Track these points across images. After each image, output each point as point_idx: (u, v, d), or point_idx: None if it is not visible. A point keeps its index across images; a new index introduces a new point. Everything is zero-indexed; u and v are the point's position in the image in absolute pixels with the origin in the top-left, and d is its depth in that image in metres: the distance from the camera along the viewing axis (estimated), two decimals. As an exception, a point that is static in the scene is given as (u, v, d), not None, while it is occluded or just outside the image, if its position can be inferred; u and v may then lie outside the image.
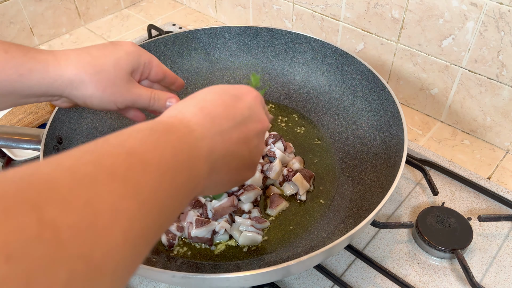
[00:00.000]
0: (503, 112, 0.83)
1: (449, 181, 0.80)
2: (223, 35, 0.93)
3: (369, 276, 0.67)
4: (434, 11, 0.81)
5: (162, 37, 0.91)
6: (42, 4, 1.16)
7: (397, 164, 0.64)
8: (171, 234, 0.67)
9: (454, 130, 0.92)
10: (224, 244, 0.66)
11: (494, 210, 0.76)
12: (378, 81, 0.76)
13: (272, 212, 0.71)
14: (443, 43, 0.83)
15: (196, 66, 0.94)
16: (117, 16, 1.32)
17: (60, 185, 0.24)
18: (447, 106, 0.90)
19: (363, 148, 0.78)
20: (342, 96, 0.86)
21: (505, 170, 0.83)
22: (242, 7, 1.17)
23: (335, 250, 0.65)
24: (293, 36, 0.89)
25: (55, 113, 0.73)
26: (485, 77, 0.82)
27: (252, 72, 0.81)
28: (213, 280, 0.53)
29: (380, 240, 0.72)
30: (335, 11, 0.96)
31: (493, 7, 0.74)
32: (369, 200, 0.68)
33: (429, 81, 0.90)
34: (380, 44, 0.93)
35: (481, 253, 0.70)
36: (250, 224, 0.67)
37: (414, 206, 0.77)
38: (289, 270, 0.56)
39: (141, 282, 0.67)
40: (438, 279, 0.67)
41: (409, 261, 0.69)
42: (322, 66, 0.88)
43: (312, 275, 0.67)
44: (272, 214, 0.71)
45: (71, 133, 0.77)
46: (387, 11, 0.88)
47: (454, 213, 0.72)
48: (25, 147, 0.72)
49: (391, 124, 0.73)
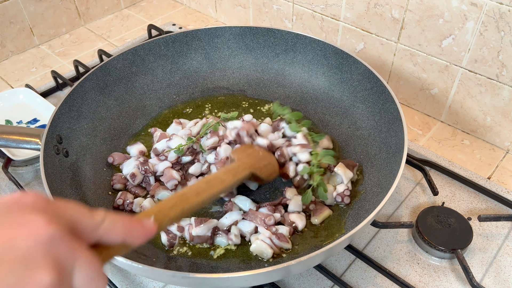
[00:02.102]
0: (503, 112, 0.83)
1: (449, 181, 0.80)
2: (223, 35, 0.93)
3: (369, 276, 0.67)
4: (434, 11, 0.81)
5: (162, 37, 0.91)
6: (42, 4, 1.16)
7: (397, 164, 0.64)
8: (171, 234, 0.67)
9: (454, 130, 0.92)
10: (223, 248, 0.66)
11: (494, 210, 0.76)
12: (378, 81, 0.76)
13: (316, 220, 0.68)
14: (443, 43, 0.83)
15: (196, 66, 0.94)
16: (117, 16, 1.32)
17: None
18: (447, 106, 0.90)
19: (363, 148, 0.78)
20: (342, 96, 0.86)
21: (505, 170, 0.83)
22: (242, 7, 1.17)
23: (335, 250, 0.65)
24: (293, 36, 0.89)
25: (55, 113, 0.73)
26: (485, 77, 0.82)
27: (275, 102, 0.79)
28: (213, 280, 0.53)
29: (380, 240, 0.72)
30: (335, 11, 0.96)
31: (493, 7, 0.74)
32: (369, 200, 0.68)
33: (429, 81, 0.90)
34: (380, 44, 0.93)
35: (481, 253, 0.70)
36: (269, 236, 0.64)
37: (414, 206, 0.77)
38: (289, 270, 0.56)
39: (141, 282, 0.67)
40: (438, 279, 0.67)
41: (409, 261, 0.69)
42: (322, 66, 0.88)
43: (312, 275, 0.67)
44: (316, 222, 0.68)
45: (71, 133, 0.77)
46: (387, 11, 0.88)
47: (454, 213, 0.72)
48: (25, 147, 0.72)
49: (391, 124, 0.73)
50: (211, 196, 0.55)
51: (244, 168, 0.62)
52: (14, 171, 0.85)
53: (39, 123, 0.93)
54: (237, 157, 0.64)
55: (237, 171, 0.61)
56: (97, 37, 1.24)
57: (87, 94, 0.82)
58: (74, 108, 0.79)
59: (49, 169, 0.66)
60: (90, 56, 1.16)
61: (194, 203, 0.50)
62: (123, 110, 0.87)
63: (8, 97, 0.97)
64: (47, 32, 1.21)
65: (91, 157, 0.78)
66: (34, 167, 0.86)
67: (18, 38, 1.15)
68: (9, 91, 0.98)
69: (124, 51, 0.87)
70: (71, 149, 0.75)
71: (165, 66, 0.92)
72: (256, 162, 0.65)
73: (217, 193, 0.56)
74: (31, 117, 0.95)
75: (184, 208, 0.48)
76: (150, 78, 0.91)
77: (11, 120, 0.94)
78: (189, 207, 0.50)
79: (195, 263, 0.64)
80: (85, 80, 0.81)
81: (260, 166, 0.65)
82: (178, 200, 0.48)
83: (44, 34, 1.20)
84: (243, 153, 0.67)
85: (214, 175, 0.58)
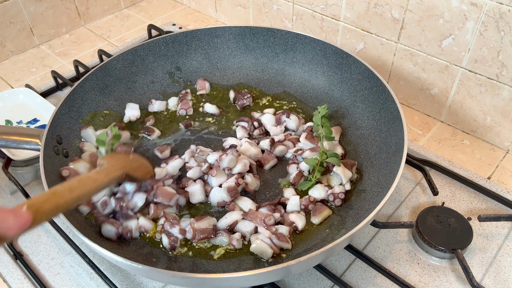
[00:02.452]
0: (503, 112, 0.83)
1: (449, 181, 0.80)
2: (223, 35, 0.93)
3: (369, 276, 0.67)
4: (434, 11, 0.81)
5: (162, 37, 0.91)
6: (42, 4, 1.16)
7: (397, 164, 0.64)
8: (173, 237, 0.66)
9: (454, 130, 0.92)
10: (223, 249, 0.66)
11: (494, 210, 0.76)
12: (378, 81, 0.76)
13: (315, 220, 0.68)
14: (443, 43, 0.83)
15: (196, 66, 0.94)
16: (117, 16, 1.32)
17: None
18: (447, 106, 0.90)
19: (363, 148, 0.78)
20: (342, 96, 0.86)
21: (505, 170, 0.83)
22: (242, 7, 1.17)
23: (335, 250, 0.65)
24: (293, 36, 0.89)
25: (55, 113, 0.73)
26: (485, 77, 0.82)
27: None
28: (213, 280, 0.53)
29: (380, 240, 0.72)
30: (335, 11, 0.96)
31: (493, 7, 0.74)
32: (369, 200, 0.68)
33: (429, 81, 0.90)
34: (380, 44, 0.93)
35: (481, 253, 0.70)
36: (269, 236, 0.64)
37: (414, 206, 0.77)
38: (289, 270, 0.56)
39: (141, 282, 0.67)
40: (438, 279, 0.67)
41: (409, 261, 0.69)
42: (322, 66, 0.88)
43: (312, 275, 0.67)
44: (316, 222, 0.68)
45: (71, 133, 0.77)
46: (387, 11, 0.88)
47: (454, 213, 0.72)
48: (25, 147, 0.72)
49: (391, 124, 0.73)
50: (85, 193, 0.57)
51: (116, 169, 0.66)
52: (14, 171, 0.85)
53: (39, 123, 0.93)
54: (106, 162, 0.67)
55: (109, 171, 0.64)
56: (97, 37, 1.24)
57: (87, 94, 0.82)
58: (74, 108, 0.79)
59: (49, 169, 0.66)
60: (90, 56, 1.16)
61: (68, 198, 0.53)
62: (123, 110, 0.87)
63: (8, 97, 0.97)
64: (47, 32, 1.21)
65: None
66: (34, 167, 0.86)
67: (18, 38, 1.15)
68: (9, 91, 0.98)
69: (124, 51, 0.87)
70: (71, 149, 0.75)
71: (165, 66, 0.92)
72: (127, 164, 0.69)
73: (90, 191, 0.59)
74: (31, 117, 0.95)
75: (58, 202, 0.51)
76: (150, 78, 0.91)
77: (11, 120, 0.94)
78: (64, 202, 0.52)
79: (195, 263, 0.64)
80: (85, 80, 0.81)
81: (132, 167, 0.69)
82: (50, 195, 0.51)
83: (44, 34, 1.20)
84: (112, 158, 0.70)
85: (86, 175, 0.61)
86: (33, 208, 0.46)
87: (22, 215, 0.38)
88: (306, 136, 0.77)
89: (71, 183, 0.56)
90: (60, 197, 0.52)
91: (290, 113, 0.82)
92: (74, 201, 0.55)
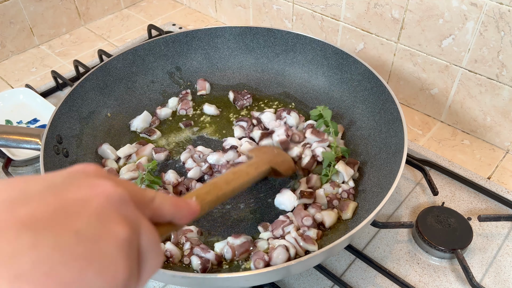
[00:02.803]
0: (503, 112, 0.83)
1: (449, 181, 0.80)
2: (223, 35, 0.93)
3: (369, 276, 0.67)
4: (434, 11, 0.81)
5: (162, 37, 0.91)
6: (42, 4, 1.16)
7: (397, 164, 0.64)
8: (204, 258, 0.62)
9: (454, 130, 0.92)
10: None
11: (494, 210, 0.76)
12: (378, 81, 0.76)
13: (348, 215, 0.68)
14: (443, 43, 0.83)
15: (196, 66, 0.94)
16: (117, 16, 1.32)
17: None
18: (447, 106, 0.90)
19: (363, 148, 0.78)
20: (342, 96, 0.86)
21: (505, 170, 0.84)
22: (242, 7, 1.17)
23: (335, 250, 0.65)
24: (293, 36, 0.89)
25: (55, 113, 0.73)
26: (485, 77, 0.82)
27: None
28: (213, 280, 0.53)
29: (380, 240, 0.72)
30: (335, 11, 0.96)
31: (493, 7, 0.74)
32: (369, 200, 0.68)
33: (429, 81, 0.90)
34: (380, 44, 0.93)
35: (481, 253, 0.70)
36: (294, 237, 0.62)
37: (414, 206, 0.77)
38: (289, 270, 0.56)
39: (141, 282, 0.67)
40: (438, 279, 0.67)
41: (409, 261, 0.69)
42: (322, 66, 0.88)
43: (312, 275, 0.67)
44: (349, 216, 0.68)
45: (71, 133, 0.77)
46: (387, 11, 0.88)
47: (454, 213, 0.72)
48: (25, 147, 0.72)
49: (391, 124, 0.73)
50: (240, 185, 0.58)
51: (264, 163, 0.66)
52: (14, 171, 0.85)
53: (39, 123, 0.93)
54: (255, 155, 0.68)
55: (258, 165, 0.64)
56: (97, 37, 1.24)
57: (87, 94, 0.82)
58: (74, 108, 0.79)
59: (49, 169, 0.66)
60: (90, 56, 1.16)
61: (226, 191, 0.53)
62: (123, 110, 0.87)
63: (8, 97, 0.97)
64: (47, 32, 1.21)
65: (91, 157, 0.78)
66: (34, 167, 0.86)
67: (18, 38, 1.15)
68: (9, 91, 0.98)
69: (124, 51, 0.87)
70: (71, 149, 0.75)
71: (165, 66, 0.92)
72: (273, 158, 0.69)
73: (243, 183, 0.59)
74: (31, 117, 0.95)
75: (218, 194, 0.51)
76: (150, 78, 0.91)
77: (11, 120, 0.94)
78: (223, 194, 0.52)
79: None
80: (85, 80, 0.81)
81: (278, 161, 0.69)
82: (212, 187, 0.51)
83: (44, 34, 1.20)
84: (260, 151, 0.71)
85: (238, 168, 0.61)
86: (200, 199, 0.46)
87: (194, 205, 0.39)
88: (312, 131, 0.78)
89: (227, 176, 0.57)
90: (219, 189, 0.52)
91: (290, 110, 0.82)
92: (230, 193, 0.55)
